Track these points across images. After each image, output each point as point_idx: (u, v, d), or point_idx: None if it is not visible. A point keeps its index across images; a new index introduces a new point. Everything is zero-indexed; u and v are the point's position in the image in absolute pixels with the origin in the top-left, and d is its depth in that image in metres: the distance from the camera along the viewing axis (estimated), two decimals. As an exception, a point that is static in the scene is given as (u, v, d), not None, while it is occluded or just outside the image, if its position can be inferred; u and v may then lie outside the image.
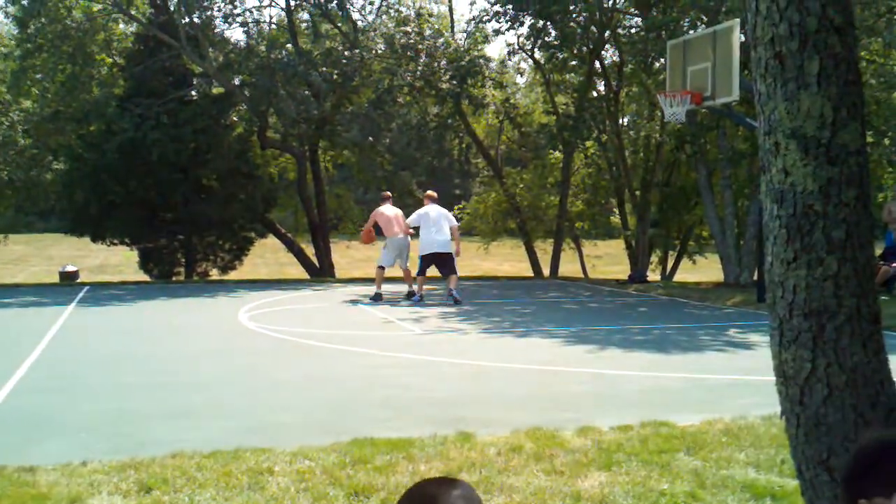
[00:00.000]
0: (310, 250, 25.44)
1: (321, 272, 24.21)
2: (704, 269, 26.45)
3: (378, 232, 15.11)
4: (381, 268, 14.81)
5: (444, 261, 14.33)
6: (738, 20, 13.56)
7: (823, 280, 2.63)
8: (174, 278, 22.48)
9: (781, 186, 2.68)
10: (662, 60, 19.75)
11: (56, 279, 22.55)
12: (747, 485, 4.46)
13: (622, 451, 5.02)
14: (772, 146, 2.70)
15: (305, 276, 24.37)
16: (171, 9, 22.07)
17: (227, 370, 8.11)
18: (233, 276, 23.25)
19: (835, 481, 2.63)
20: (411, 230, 14.96)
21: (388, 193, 15.80)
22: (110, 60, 24.49)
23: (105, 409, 6.33)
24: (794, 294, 2.68)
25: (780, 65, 2.62)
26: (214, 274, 23.57)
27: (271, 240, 26.24)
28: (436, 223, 14.33)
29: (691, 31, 17.50)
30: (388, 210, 14.98)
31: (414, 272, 14.77)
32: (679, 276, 25.84)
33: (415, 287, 14.64)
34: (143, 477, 4.57)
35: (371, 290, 15.06)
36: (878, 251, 15.49)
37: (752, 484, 4.46)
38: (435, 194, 15.08)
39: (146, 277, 22.72)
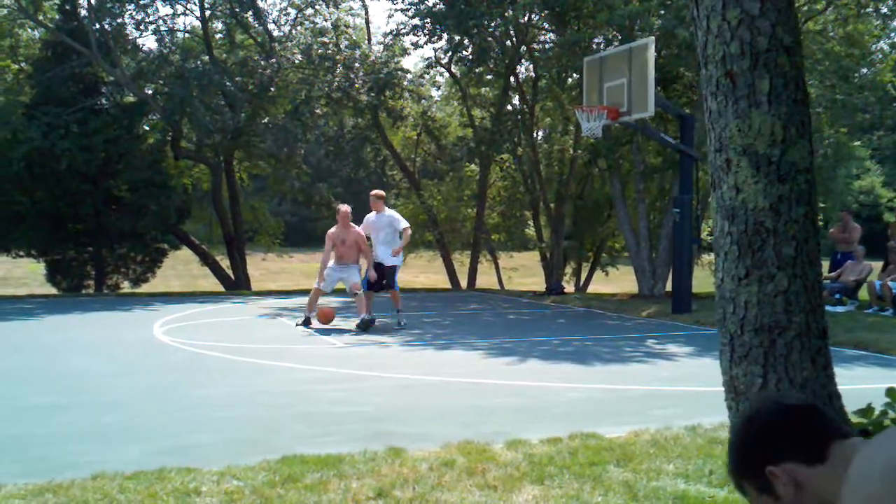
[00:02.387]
0: (224, 262, 25.02)
1: (236, 285, 23.83)
2: (617, 281, 26.91)
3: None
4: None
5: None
6: (652, 38, 13.87)
7: (774, 296, 2.66)
8: (84, 291, 21.82)
9: (733, 203, 2.71)
10: (576, 75, 20.06)
11: (-45, 293, 21.63)
12: (678, 496, 4.50)
13: (553, 465, 5.02)
14: (723, 163, 2.73)
15: (220, 288, 23.94)
16: (82, 15, 21.48)
17: (144, 387, 7.86)
18: (145, 288, 22.71)
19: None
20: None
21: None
22: (16, 67, 23.72)
23: (15, 432, 6.06)
24: (746, 310, 2.71)
25: (731, 83, 2.64)
26: (126, 287, 22.97)
27: (183, 252, 25.70)
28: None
29: (603, 48, 17.83)
30: None
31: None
32: (592, 288, 26.22)
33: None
34: (62, 501, 4.38)
35: (281, 303, 14.83)
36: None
37: (683, 495, 4.50)
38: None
39: (54, 290, 21.99)
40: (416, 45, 21.97)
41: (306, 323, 12.60)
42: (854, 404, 3.31)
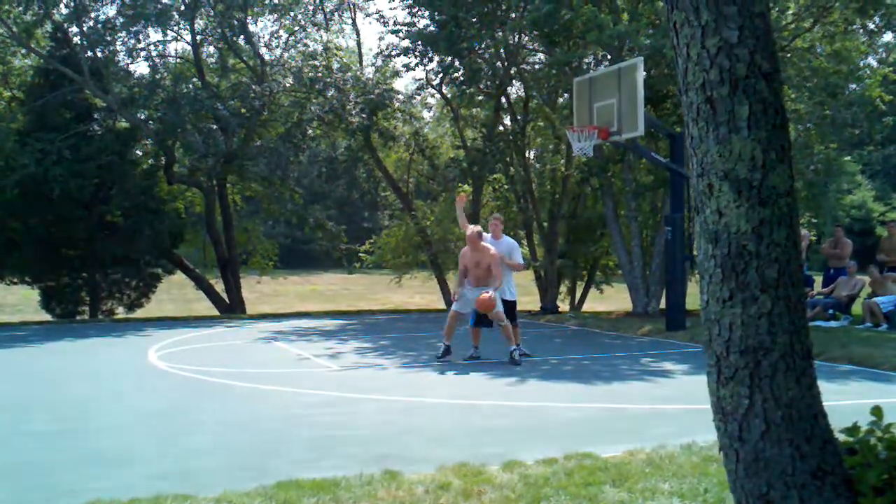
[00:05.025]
0: (219, 286, 25.00)
1: (231, 308, 23.82)
2: (611, 299, 26.95)
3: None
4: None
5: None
6: (641, 58, 13.97)
7: (758, 318, 2.72)
8: (79, 317, 21.81)
9: (716, 227, 2.77)
10: (566, 95, 20.18)
11: (-51, 321, 21.60)
12: (673, 515, 4.53)
13: (549, 486, 5.04)
14: (705, 188, 2.79)
15: (215, 312, 23.92)
16: (74, 42, 21.58)
17: (139, 413, 7.87)
18: (140, 314, 22.68)
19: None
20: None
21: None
22: (8, 94, 23.79)
23: (11, 459, 6.07)
24: (731, 332, 2.76)
25: (711, 109, 2.71)
26: (120, 312, 22.94)
27: (178, 276, 25.71)
28: None
29: (593, 67, 17.96)
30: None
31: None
32: (587, 306, 26.25)
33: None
34: (59, 530, 4.39)
35: (276, 326, 14.75)
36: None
37: (678, 514, 4.54)
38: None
39: (48, 317, 21.97)
40: (407, 67, 22.02)
41: (446, 353, 11.11)
42: (848, 420, 3.34)
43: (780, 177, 2.72)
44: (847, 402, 7.51)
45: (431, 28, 20.55)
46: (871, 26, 19.60)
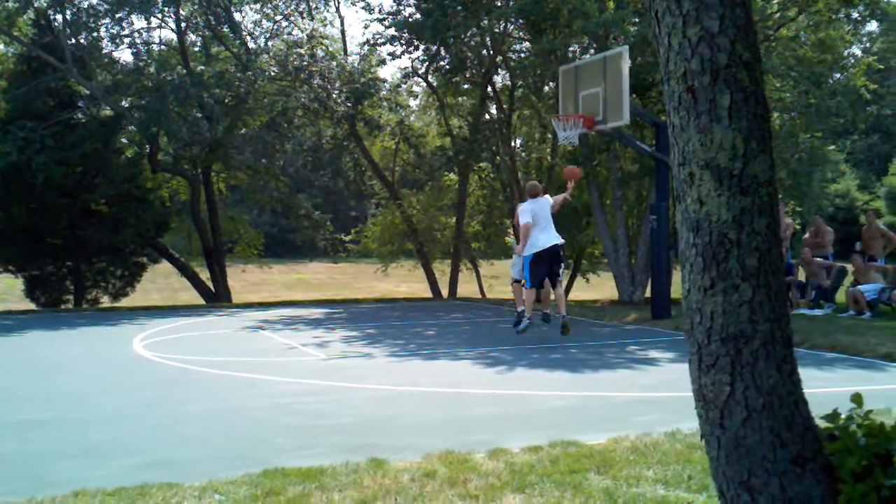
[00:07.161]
0: (204, 274, 24.95)
1: (217, 297, 23.77)
2: (597, 288, 27.03)
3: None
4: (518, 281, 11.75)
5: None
6: (626, 47, 13.98)
7: (739, 306, 2.74)
8: (63, 306, 21.72)
9: (697, 216, 2.79)
10: (552, 84, 20.18)
11: (-67, 310, 21.43)
12: (658, 502, 4.55)
13: (534, 473, 5.07)
14: (686, 177, 2.81)
15: (200, 301, 23.87)
16: (57, 29, 21.42)
17: (125, 403, 7.85)
18: (125, 302, 22.61)
19: (756, 501, 2.73)
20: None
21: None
22: (-10, 82, 23.61)
23: (-2, 449, 6.06)
24: (712, 320, 2.78)
25: (692, 98, 2.73)
26: (105, 301, 22.87)
27: (163, 265, 25.63)
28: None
29: (578, 56, 17.97)
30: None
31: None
32: (573, 295, 26.28)
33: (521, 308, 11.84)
34: (44, 519, 4.39)
35: (262, 315, 14.70)
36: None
37: (663, 501, 4.56)
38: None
39: (32, 306, 21.88)
40: (392, 56, 21.96)
41: (545, 319, 11.71)
42: (832, 407, 3.37)
43: (760, 166, 2.74)
44: (831, 389, 7.57)
45: (417, 16, 20.51)
46: (856, 15, 19.67)
